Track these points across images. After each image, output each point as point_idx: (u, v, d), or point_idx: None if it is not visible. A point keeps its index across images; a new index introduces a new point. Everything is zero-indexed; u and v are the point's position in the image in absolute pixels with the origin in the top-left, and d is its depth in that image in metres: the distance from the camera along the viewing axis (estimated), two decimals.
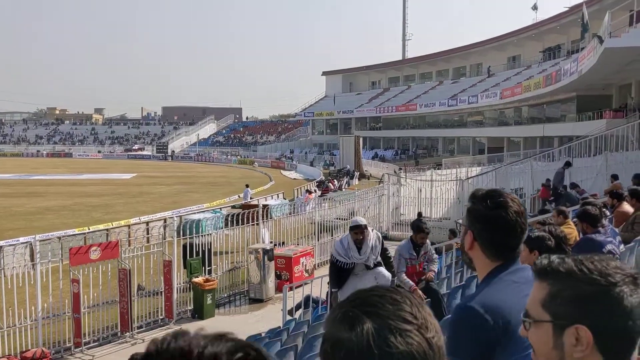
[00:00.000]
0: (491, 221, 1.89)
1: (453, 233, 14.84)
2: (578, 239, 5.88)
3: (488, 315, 1.79)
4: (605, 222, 5.64)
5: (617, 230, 6.38)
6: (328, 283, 7.60)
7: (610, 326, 1.12)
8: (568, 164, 18.56)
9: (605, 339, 1.12)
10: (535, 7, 54.51)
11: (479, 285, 2.01)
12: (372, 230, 7.09)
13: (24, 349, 9.47)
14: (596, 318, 1.12)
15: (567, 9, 45.49)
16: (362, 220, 7.06)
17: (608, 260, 1.16)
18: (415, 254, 7.25)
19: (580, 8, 31.82)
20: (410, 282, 6.88)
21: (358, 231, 6.77)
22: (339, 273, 6.89)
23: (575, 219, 6.67)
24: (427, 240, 7.43)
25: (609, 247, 4.75)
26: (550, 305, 1.17)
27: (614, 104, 31.94)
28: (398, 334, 0.89)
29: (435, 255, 7.77)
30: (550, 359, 1.18)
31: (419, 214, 18.92)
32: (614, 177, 14.34)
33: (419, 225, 7.41)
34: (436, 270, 7.71)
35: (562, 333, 1.15)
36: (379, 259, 6.93)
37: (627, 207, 7.25)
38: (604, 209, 7.08)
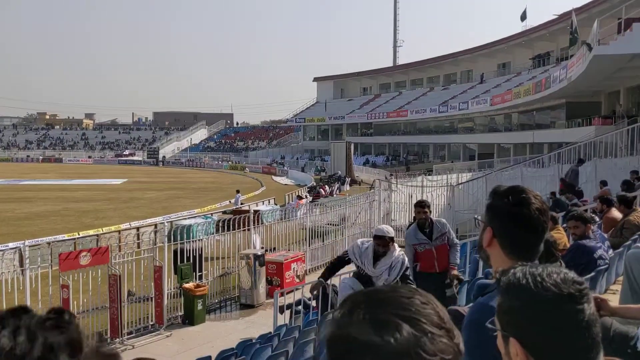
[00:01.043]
0: (512, 218, 1.83)
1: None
2: (567, 244, 5.93)
3: None
4: (594, 227, 5.69)
5: (605, 235, 6.44)
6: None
7: (539, 341, 1.13)
8: (581, 161, 18.55)
9: (538, 353, 1.14)
10: (524, 17, 54.85)
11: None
12: (400, 251, 6.07)
13: None
14: (523, 332, 1.15)
15: (556, 16, 45.91)
16: (389, 232, 5.99)
17: (554, 273, 1.16)
18: (425, 237, 6.53)
19: (569, 16, 32.08)
20: None
21: (380, 242, 5.86)
22: (339, 265, 6.34)
23: (565, 225, 6.72)
24: (443, 220, 6.75)
25: (599, 252, 4.80)
26: (498, 316, 1.22)
27: (602, 111, 32.20)
28: (432, 338, 0.86)
29: (456, 240, 6.88)
30: None
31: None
32: (603, 183, 14.45)
33: (417, 202, 6.89)
34: (458, 261, 6.81)
35: (507, 343, 1.19)
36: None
37: (615, 213, 7.31)
38: (593, 215, 7.14)
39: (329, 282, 6.99)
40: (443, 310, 0.92)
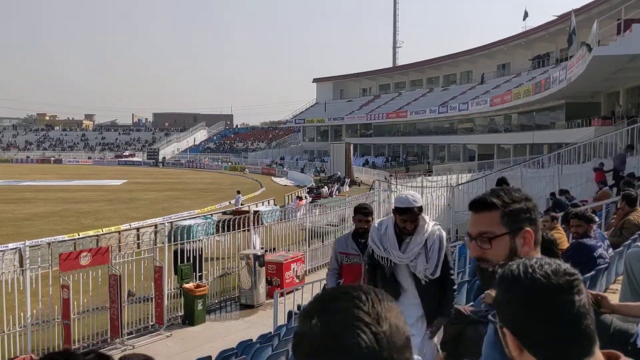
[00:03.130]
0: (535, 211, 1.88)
1: None
2: (567, 243, 5.94)
3: None
4: (594, 227, 5.70)
5: (605, 235, 6.45)
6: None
7: (530, 331, 1.16)
8: (630, 147, 18.33)
9: (531, 343, 1.16)
10: (526, 17, 54.93)
11: None
12: (435, 224, 4.17)
13: (12, 356, 9.39)
14: (515, 322, 1.18)
15: (555, 17, 45.94)
16: (415, 200, 4.00)
17: (546, 265, 1.19)
18: (357, 248, 5.00)
19: (569, 17, 32.12)
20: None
21: (406, 217, 3.98)
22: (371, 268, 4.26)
23: (563, 225, 6.73)
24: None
25: (599, 251, 4.80)
26: (496, 308, 1.25)
27: (602, 112, 32.24)
28: (351, 329, 0.91)
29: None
30: (508, 355, 1.25)
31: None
32: (604, 183, 14.47)
33: (357, 206, 5.29)
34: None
35: (504, 333, 1.23)
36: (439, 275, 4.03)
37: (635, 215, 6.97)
38: (593, 215, 7.14)
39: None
40: (377, 303, 0.95)
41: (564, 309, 1.13)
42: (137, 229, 18.49)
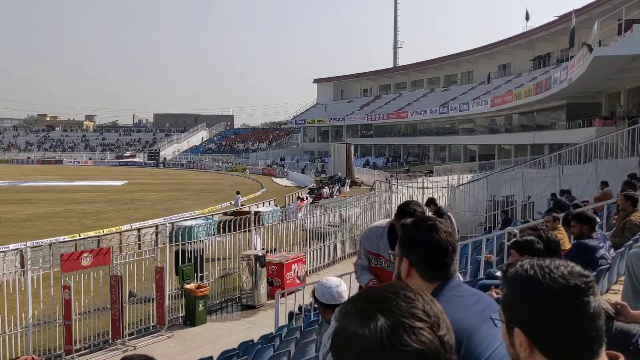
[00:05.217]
0: (426, 244, 1.98)
1: None
2: (569, 244, 5.94)
3: None
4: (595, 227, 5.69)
5: (606, 235, 6.44)
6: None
7: (543, 332, 1.16)
8: None
9: (542, 343, 1.16)
10: (528, 17, 55.00)
11: None
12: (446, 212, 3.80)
13: (14, 357, 9.40)
14: (528, 322, 1.17)
15: (556, 17, 45.95)
16: (417, 205, 3.71)
17: (561, 266, 1.19)
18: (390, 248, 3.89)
19: (570, 17, 32.12)
20: None
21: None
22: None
23: (566, 226, 6.72)
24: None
25: (601, 251, 4.81)
26: (503, 307, 1.25)
27: (603, 112, 32.23)
28: (411, 331, 0.91)
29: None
30: (511, 355, 1.25)
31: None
32: (604, 183, 14.46)
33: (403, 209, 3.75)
34: None
35: (512, 333, 1.22)
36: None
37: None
38: (594, 216, 7.12)
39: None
40: (431, 304, 0.97)
41: (580, 310, 1.14)
42: (138, 229, 18.49)
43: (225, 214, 22.85)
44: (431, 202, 10.92)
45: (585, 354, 1.15)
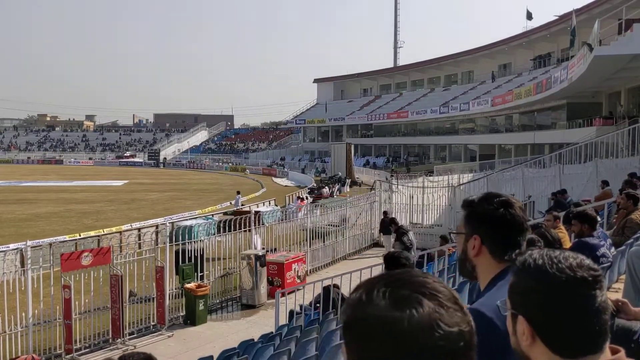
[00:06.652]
0: (501, 220, 1.86)
1: (444, 239, 14.87)
2: (569, 243, 5.94)
3: (498, 320, 1.67)
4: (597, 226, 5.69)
5: (607, 233, 6.43)
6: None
7: (549, 322, 1.15)
8: None
9: (546, 333, 1.16)
10: (529, 16, 54.92)
11: (483, 290, 1.92)
12: None
13: (14, 356, 9.39)
14: (533, 311, 1.17)
15: (557, 17, 45.94)
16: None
17: (570, 257, 1.18)
18: None
19: (570, 17, 32.11)
20: None
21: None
22: None
23: (567, 225, 6.71)
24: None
25: (602, 250, 4.80)
26: (509, 295, 1.25)
27: (603, 112, 32.22)
28: (449, 312, 0.90)
29: None
30: (513, 343, 1.25)
31: (384, 213, 19.24)
32: (605, 182, 14.44)
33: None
34: None
35: (515, 321, 1.22)
36: None
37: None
38: (594, 214, 7.10)
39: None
40: (453, 289, 0.96)
41: (587, 302, 1.14)
42: (139, 229, 18.49)
43: (225, 213, 22.86)
44: (392, 221, 11.62)
45: (588, 347, 1.14)
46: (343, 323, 0.95)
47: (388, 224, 17.25)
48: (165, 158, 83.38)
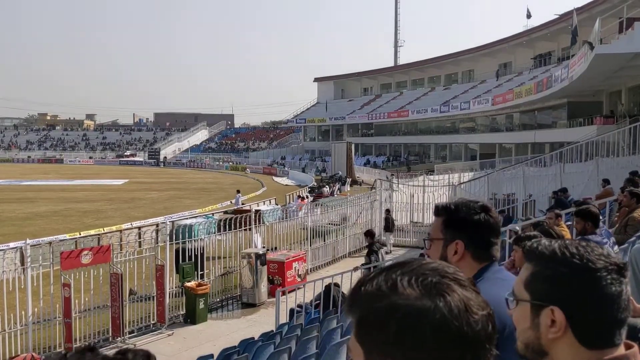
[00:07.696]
0: (483, 224, 1.95)
1: None
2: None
3: None
4: (599, 223, 5.66)
5: (610, 231, 6.41)
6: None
7: (585, 311, 1.12)
8: None
9: (580, 323, 1.12)
10: (529, 15, 55.00)
11: None
12: None
13: (13, 355, 9.36)
14: (569, 301, 1.13)
15: (557, 16, 45.89)
16: None
17: (595, 247, 1.16)
18: None
19: (571, 16, 32.07)
20: None
21: None
22: None
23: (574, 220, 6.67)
24: None
25: (606, 248, 4.76)
26: (530, 285, 1.19)
27: (604, 111, 32.20)
28: (478, 298, 0.88)
29: None
30: (527, 337, 1.20)
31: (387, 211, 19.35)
32: (606, 181, 14.42)
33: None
34: None
35: (539, 313, 1.17)
36: None
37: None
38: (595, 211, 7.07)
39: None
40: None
41: (620, 290, 1.12)
42: (139, 228, 18.47)
43: (225, 212, 22.84)
44: (368, 233, 12.17)
45: (614, 338, 1.12)
46: (358, 317, 0.87)
47: (390, 222, 17.29)
48: (165, 157, 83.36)
